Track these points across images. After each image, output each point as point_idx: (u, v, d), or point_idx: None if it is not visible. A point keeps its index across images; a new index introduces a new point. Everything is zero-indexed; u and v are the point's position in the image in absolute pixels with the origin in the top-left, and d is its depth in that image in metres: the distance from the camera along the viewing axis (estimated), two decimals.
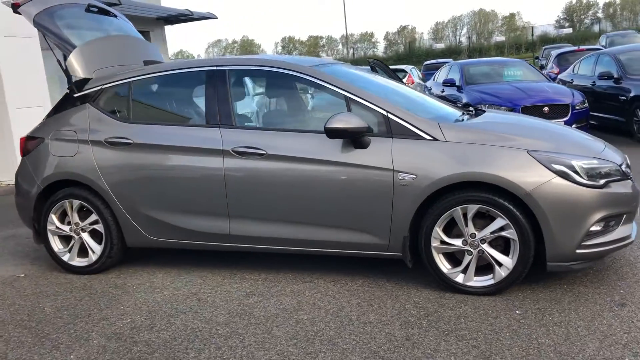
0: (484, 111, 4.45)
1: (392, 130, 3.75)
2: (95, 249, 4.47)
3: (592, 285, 3.70)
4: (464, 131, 3.72)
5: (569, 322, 3.22)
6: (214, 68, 4.23)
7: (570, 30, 46.87)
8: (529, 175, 3.45)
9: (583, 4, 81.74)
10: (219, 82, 4.17)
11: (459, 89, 10.56)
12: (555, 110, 8.89)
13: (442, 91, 11.36)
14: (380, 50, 79.15)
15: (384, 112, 3.79)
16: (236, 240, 4.11)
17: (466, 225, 3.60)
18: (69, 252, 4.55)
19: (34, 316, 3.80)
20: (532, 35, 32.24)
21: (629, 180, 3.69)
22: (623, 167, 3.72)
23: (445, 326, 3.26)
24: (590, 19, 77.65)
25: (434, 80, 13.46)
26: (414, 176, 3.61)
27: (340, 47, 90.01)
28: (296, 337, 3.25)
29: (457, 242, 3.65)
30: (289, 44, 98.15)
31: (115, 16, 5.51)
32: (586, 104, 9.26)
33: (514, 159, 3.51)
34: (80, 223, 4.48)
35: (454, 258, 3.75)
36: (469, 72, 11.00)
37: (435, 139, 3.67)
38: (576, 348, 2.94)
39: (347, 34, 44.13)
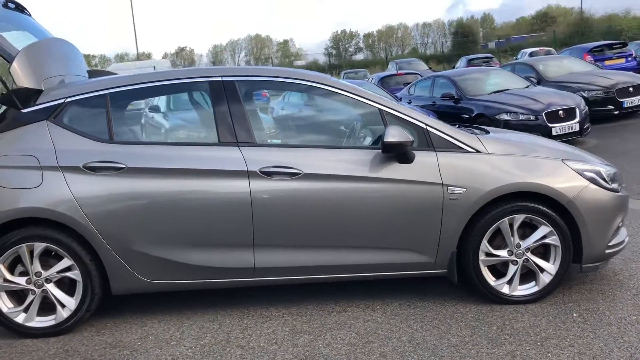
0: (486, 130, 4.53)
1: (433, 143, 3.64)
2: (68, 302, 3.54)
3: (603, 283, 3.97)
4: (501, 144, 3.76)
5: (626, 318, 3.42)
6: (219, 79, 3.67)
7: (361, 56, 50.84)
8: (569, 183, 3.61)
9: (347, 34, 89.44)
10: (229, 94, 3.63)
11: None
12: None
13: None
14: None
15: (423, 126, 3.67)
16: (262, 273, 3.59)
17: (512, 236, 3.64)
18: (25, 312, 3.54)
19: None
20: (329, 61, 34.67)
21: (624, 185, 4.08)
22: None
23: (530, 338, 3.24)
24: (353, 48, 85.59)
25: (284, 99, 13.46)
26: (464, 189, 3.54)
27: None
28: None
29: (503, 253, 3.66)
30: None
31: (30, 15, 4.53)
32: None
33: (554, 168, 3.65)
34: (42, 272, 3.51)
35: (494, 269, 3.75)
36: None
37: (477, 152, 3.65)
38: None
39: (137, 52, 42.00)
